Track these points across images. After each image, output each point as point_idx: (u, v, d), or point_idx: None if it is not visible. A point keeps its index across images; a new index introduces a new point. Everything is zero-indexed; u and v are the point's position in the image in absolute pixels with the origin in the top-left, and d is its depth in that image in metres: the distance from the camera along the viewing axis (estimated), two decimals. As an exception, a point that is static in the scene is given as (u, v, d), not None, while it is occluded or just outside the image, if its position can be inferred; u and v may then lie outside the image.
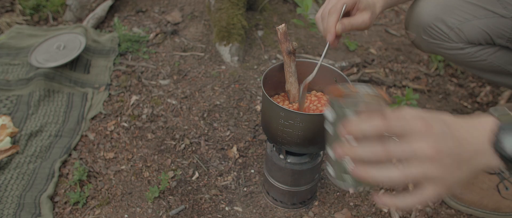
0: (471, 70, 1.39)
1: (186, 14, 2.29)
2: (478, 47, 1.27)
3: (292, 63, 1.13)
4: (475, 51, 1.27)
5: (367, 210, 1.37)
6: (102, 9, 2.27)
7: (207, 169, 1.48)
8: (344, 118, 0.70)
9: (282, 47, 1.11)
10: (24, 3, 2.33)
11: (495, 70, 1.33)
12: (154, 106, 1.73)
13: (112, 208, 1.34)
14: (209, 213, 1.33)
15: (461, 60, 1.31)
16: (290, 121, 1.03)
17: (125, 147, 1.55)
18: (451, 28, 1.23)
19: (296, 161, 1.20)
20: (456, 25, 1.23)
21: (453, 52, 1.29)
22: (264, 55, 2.04)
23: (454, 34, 1.24)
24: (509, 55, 1.29)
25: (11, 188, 1.36)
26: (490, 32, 1.22)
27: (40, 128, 1.60)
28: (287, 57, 1.12)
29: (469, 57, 1.29)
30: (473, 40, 1.25)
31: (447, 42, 1.27)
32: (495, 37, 1.23)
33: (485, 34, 1.23)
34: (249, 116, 1.69)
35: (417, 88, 1.93)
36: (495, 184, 1.34)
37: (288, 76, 1.15)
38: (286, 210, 1.34)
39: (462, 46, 1.27)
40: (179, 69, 1.93)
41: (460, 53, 1.29)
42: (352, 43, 2.14)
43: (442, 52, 1.32)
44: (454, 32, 1.24)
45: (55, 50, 1.89)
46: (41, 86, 1.74)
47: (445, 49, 1.30)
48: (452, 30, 1.24)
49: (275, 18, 2.28)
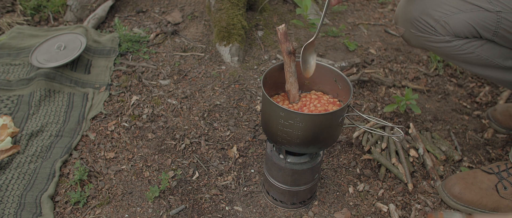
0: (461, 64, 1.40)
1: (187, 14, 2.29)
2: (464, 40, 1.29)
3: (292, 63, 1.14)
4: (461, 44, 1.29)
5: (366, 209, 1.37)
6: (102, 9, 2.27)
7: (207, 169, 1.49)
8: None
9: (282, 47, 1.12)
10: (25, 4, 2.34)
11: (483, 63, 1.35)
12: (155, 106, 1.73)
13: (112, 207, 1.35)
14: (209, 213, 1.34)
15: (449, 53, 1.33)
16: (290, 121, 1.04)
17: (125, 147, 1.56)
18: (437, 21, 1.26)
19: (296, 161, 1.20)
20: (442, 18, 1.25)
21: (441, 45, 1.31)
22: (264, 55, 2.04)
23: (441, 27, 1.27)
24: (496, 48, 1.31)
25: (12, 187, 1.36)
26: (475, 25, 1.25)
27: (41, 128, 1.60)
28: (287, 57, 1.13)
29: (456, 50, 1.31)
30: (459, 33, 1.27)
31: (434, 35, 1.29)
32: (480, 31, 1.26)
33: (470, 28, 1.25)
34: (249, 116, 1.70)
35: (417, 88, 1.93)
36: (494, 184, 1.35)
37: (288, 76, 1.16)
38: (286, 209, 1.35)
39: (449, 39, 1.29)
40: (179, 69, 1.94)
41: (447, 46, 1.31)
42: (352, 43, 2.14)
43: (430, 46, 1.34)
44: (441, 25, 1.26)
45: (55, 50, 1.90)
46: (42, 86, 1.74)
47: (433, 42, 1.32)
48: (438, 23, 1.26)
49: (275, 18, 2.29)
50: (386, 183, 1.47)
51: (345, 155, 1.57)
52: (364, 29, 2.35)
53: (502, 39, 1.27)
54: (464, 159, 1.58)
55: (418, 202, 1.41)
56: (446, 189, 1.39)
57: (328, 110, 1.15)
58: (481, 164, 1.58)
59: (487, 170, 1.39)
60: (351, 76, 1.91)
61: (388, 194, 1.43)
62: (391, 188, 1.45)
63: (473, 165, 1.56)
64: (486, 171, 1.39)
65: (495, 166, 1.39)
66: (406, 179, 1.46)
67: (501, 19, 1.22)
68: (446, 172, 1.53)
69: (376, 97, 1.85)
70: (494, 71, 1.38)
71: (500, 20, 1.22)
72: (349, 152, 1.58)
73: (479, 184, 1.36)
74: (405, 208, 1.39)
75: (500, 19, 1.22)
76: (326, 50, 2.12)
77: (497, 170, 1.37)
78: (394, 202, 1.40)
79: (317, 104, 1.18)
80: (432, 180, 1.48)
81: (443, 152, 1.57)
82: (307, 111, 1.16)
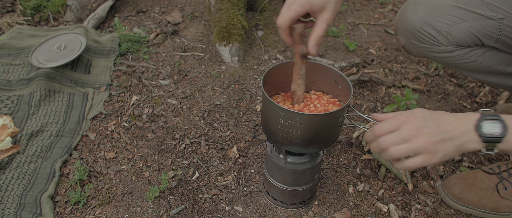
0: (463, 72, 1.40)
1: (187, 14, 2.29)
2: (467, 49, 1.28)
3: (303, 66, 1.11)
4: (464, 53, 1.29)
5: (366, 209, 1.37)
6: (102, 9, 2.27)
7: (207, 169, 1.49)
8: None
9: (296, 48, 1.08)
10: (25, 4, 2.34)
11: (486, 71, 1.34)
12: (155, 106, 1.73)
13: (112, 207, 1.35)
14: (209, 213, 1.34)
15: (451, 62, 1.32)
16: (290, 121, 1.04)
17: (125, 147, 1.56)
18: (440, 32, 1.25)
19: (296, 161, 1.20)
20: (444, 28, 1.24)
21: (443, 55, 1.30)
22: (264, 55, 2.04)
23: (443, 37, 1.25)
24: (498, 55, 1.31)
25: (12, 187, 1.36)
26: (478, 34, 1.24)
27: (41, 128, 1.60)
28: (300, 60, 1.09)
29: (459, 59, 1.30)
30: (462, 43, 1.26)
31: (437, 46, 1.28)
32: (483, 39, 1.25)
33: (473, 36, 1.24)
34: (249, 116, 1.70)
35: (417, 88, 1.93)
36: (494, 184, 1.35)
37: (297, 78, 1.13)
38: (286, 209, 1.35)
39: (451, 49, 1.28)
40: (179, 69, 1.94)
41: (450, 56, 1.30)
42: (352, 43, 2.14)
43: (432, 56, 1.33)
44: (443, 36, 1.25)
45: (55, 50, 1.90)
46: (42, 86, 1.74)
47: (435, 53, 1.31)
48: (440, 33, 1.25)
49: (275, 18, 2.29)
50: (386, 183, 1.47)
51: (345, 155, 1.56)
52: (364, 29, 2.35)
53: (504, 45, 1.26)
54: (464, 159, 1.58)
55: (418, 202, 1.41)
56: (446, 189, 1.39)
57: (328, 110, 1.15)
58: (481, 164, 1.58)
59: (488, 170, 1.38)
60: (351, 76, 1.91)
61: (388, 194, 1.43)
62: (391, 188, 1.45)
63: (473, 165, 1.56)
64: (486, 171, 1.39)
65: (495, 166, 1.39)
66: (406, 179, 1.46)
67: (503, 26, 1.21)
68: (446, 172, 1.53)
69: (376, 97, 1.85)
70: (496, 77, 1.37)
71: (502, 27, 1.22)
72: (349, 152, 1.58)
73: (479, 184, 1.36)
74: (405, 208, 1.39)
75: (502, 26, 1.21)
76: (326, 50, 2.12)
77: (498, 171, 1.37)
78: (394, 202, 1.40)
79: (317, 104, 1.18)
80: (432, 180, 1.48)
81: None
82: (307, 111, 1.16)
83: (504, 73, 1.34)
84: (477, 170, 1.41)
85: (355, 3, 2.61)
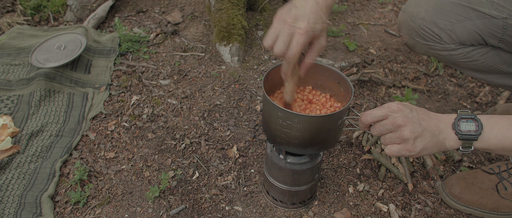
0: (465, 71, 1.40)
1: (187, 14, 2.29)
2: (470, 48, 1.28)
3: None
4: (467, 51, 1.28)
5: (366, 209, 1.37)
6: (102, 9, 2.27)
7: (207, 168, 1.49)
8: None
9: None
10: (25, 4, 2.34)
11: (489, 70, 1.34)
12: (155, 106, 1.73)
13: (112, 207, 1.35)
14: (209, 213, 1.34)
15: (454, 61, 1.32)
16: (288, 122, 1.03)
17: (125, 147, 1.56)
18: (443, 30, 1.25)
19: (296, 161, 1.20)
20: (447, 26, 1.24)
21: (446, 53, 1.30)
22: (264, 55, 2.04)
23: (446, 35, 1.25)
24: (501, 54, 1.30)
25: (12, 187, 1.36)
26: (481, 33, 1.23)
27: (41, 128, 1.60)
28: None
29: (462, 57, 1.30)
30: (465, 41, 1.26)
31: (440, 44, 1.28)
32: (486, 38, 1.24)
33: (476, 35, 1.24)
34: (249, 116, 1.70)
35: (417, 88, 1.93)
36: (494, 184, 1.35)
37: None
38: (286, 209, 1.35)
39: (455, 47, 1.27)
40: (179, 69, 1.94)
41: (453, 54, 1.30)
42: (352, 43, 2.14)
43: (435, 54, 1.33)
44: (446, 34, 1.25)
45: (55, 50, 1.90)
46: (42, 86, 1.74)
47: (438, 51, 1.30)
48: (444, 31, 1.25)
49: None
50: (386, 183, 1.47)
51: (345, 155, 1.56)
52: (364, 29, 2.35)
53: (508, 45, 1.25)
54: (464, 159, 1.58)
55: (418, 202, 1.41)
56: (446, 189, 1.39)
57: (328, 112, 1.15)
58: (481, 164, 1.58)
59: (488, 170, 1.38)
60: (351, 76, 1.91)
61: (388, 194, 1.43)
62: (391, 188, 1.45)
63: (473, 165, 1.56)
64: (486, 171, 1.39)
65: (495, 166, 1.39)
66: (406, 179, 1.46)
67: (507, 26, 1.21)
68: (446, 172, 1.53)
69: (376, 97, 1.85)
70: (498, 77, 1.37)
71: (506, 26, 1.21)
72: (349, 152, 1.58)
73: (479, 184, 1.36)
74: (405, 208, 1.39)
75: (507, 26, 1.21)
76: (326, 50, 2.12)
77: (498, 171, 1.37)
78: (394, 202, 1.40)
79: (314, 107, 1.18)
80: (432, 180, 1.48)
81: (443, 152, 1.57)
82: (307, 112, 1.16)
83: (507, 73, 1.34)
84: (477, 170, 1.41)
85: (355, 3, 2.61)
